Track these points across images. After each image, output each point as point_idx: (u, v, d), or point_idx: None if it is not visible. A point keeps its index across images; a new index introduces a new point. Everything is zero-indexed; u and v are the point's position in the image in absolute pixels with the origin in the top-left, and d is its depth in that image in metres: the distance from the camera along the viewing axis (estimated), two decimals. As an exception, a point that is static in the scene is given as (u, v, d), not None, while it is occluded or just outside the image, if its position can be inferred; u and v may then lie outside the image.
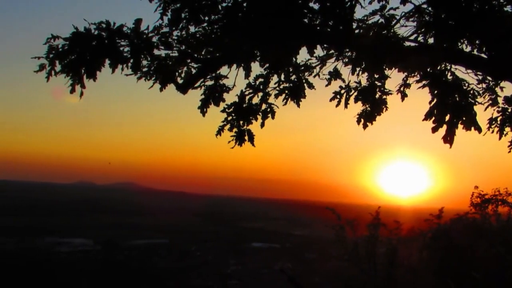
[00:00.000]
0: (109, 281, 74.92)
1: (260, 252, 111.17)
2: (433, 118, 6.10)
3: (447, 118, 6.19)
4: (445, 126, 6.20)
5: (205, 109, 7.33)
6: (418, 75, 7.32)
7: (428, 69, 6.96)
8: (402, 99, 7.87)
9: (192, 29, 6.78)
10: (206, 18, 6.51)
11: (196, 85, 7.21)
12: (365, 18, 6.98)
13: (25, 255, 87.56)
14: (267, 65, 7.01)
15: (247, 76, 7.08)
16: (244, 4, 6.16)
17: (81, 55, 6.48)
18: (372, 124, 7.89)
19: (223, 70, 7.24)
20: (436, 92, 6.15)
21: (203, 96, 7.30)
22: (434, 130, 6.14)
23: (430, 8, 6.49)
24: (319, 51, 7.40)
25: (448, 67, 6.76)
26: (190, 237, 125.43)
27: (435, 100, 6.15)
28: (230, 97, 7.57)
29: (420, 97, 7.73)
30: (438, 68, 6.74)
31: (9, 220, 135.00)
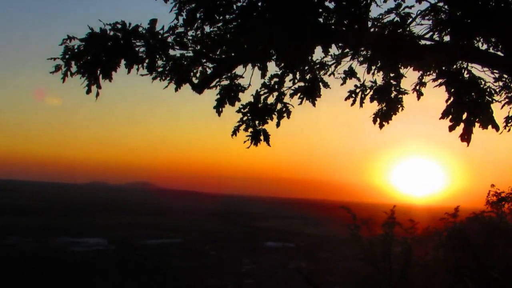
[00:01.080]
0: (124, 280, 75.15)
1: (274, 251, 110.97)
2: (450, 116, 6.06)
3: (464, 116, 6.15)
4: (462, 125, 6.17)
5: (220, 109, 7.34)
6: (434, 74, 7.29)
7: (444, 68, 6.93)
8: (418, 97, 7.85)
9: (207, 29, 6.80)
10: (221, 18, 6.51)
11: (211, 85, 7.22)
12: (380, 16, 6.96)
13: (39, 255, 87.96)
14: (283, 64, 7.00)
15: (263, 76, 7.08)
16: (259, 4, 6.16)
17: (97, 56, 6.50)
18: (388, 123, 7.87)
19: (238, 70, 7.25)
20: (452, 90, 6.11)
21: (218, 96, 7.31)
22: (451, 128, 6.10)
23: (446, 6, 6.46)
24: (334, 50, 7.41)
25: (465, 66, 6.72)
26: (204, 237, 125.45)
27: (451, 99, 6.11)
28: (245, 97, 7.57)
29: (435, 95, 7.70)
30: (455, 66, 6.70)
31: (23, 220, 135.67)
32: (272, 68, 7.24)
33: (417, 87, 7.82)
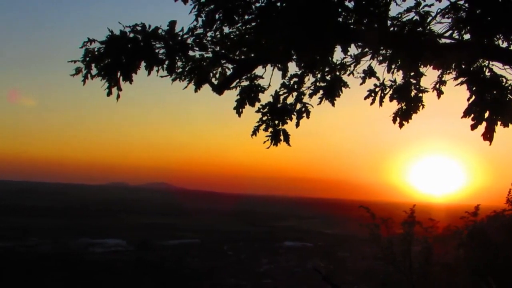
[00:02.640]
0: (142, 280, 75.50)
1: (292, 250, 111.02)
2: (472, 115, 6.04)
3: (486, 115, 6.12)
4: (484, 123, 6.13)
5: (240, 110, 7.36)
6: (454, 72, 7.26)
7: (464, 66, 6.90)
8: (438, 96, 7.81)
9: (226, 30, 6.82)
10: (240, 18, 6.53)
11: (231, 85, 7.25)
12: (399, 15, 6.93)
13: (59, 256, 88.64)
14: (303, 64, 7.01)
15: (284, 76, 7.09)
16: (278, 4, 6.17)
17: (117, 58, 6.53)
18: (408, 122, 7.84)
19: (258, 70, 7.27)
20: (474, 89, 6.09)
21: (238, 97, 7.33)
22: (474, 127, 6.08)
23: (466, 5, 6.43)
24: (353, 50, 7.40)
25: (486, 64, 6.68)
26: (222, 237, 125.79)
27: (473, 98, 6.09)
28: (264, 97, 7.59)
29: (455, 93, 7.66)
30: (476, 64, 6.67)
31: (43, 221, 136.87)
32: (292, 68, 7.26)
33: (437, 86, 7.77)
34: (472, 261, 13.92)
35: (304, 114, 7.74)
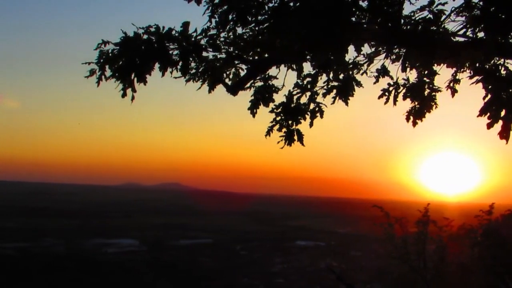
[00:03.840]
0: (156, 281, 75.68)
1: (305, 250, 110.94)
2: (488, 114, 6.01)
3: (502, 113, 6.08)
4: (500, 122, 6.09)
5: (255, 110, 7.37)
6: (468, 71, 7.23)
7: (478, 64, 6.87)
8: (452, 95, 7.79)
9: (239, 30, 6.83)
10: (253, 19, 6.53)
11: (246, 86, 7.26)
12: (412, 14, 6.92)
13: (73, 256, 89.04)
14: (317, 64, 7.00)
15: (299, 76, 7.09)
16: (291, 4, 6.17)
17: (131, 60, 6.56)
18: (421, 121, 7.83)
19: (272, 71, 7.27)
20: (490, 87, 6.05)
21: (252, 98, 7.34)
22: (490, 126, 6.04)
23: (480, 3, 6.40)
24: (366, 49, 7.39)
25: (501, 62, 6.65)
26: (235, 237, 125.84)
27: (489, 96, 6.05)
28: (278, 97, 7.59)
29: (470, 91, 7.62)
30: (491, 63, 6.64)
31: (57, 222, 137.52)
32: (305, 67, 7.26)
33: (451, 84, 7.75)
34: (487, 260, 13.87)
35: (318, 114, 7.73)
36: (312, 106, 7.74)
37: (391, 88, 7.89)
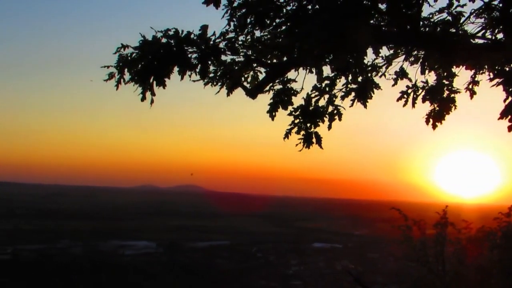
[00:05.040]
0: (172, 282, 75.91)
1: (321, 252, 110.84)
2: (509, 116, 5.97)
3: (523, 115, 6.04)
4: (521, 124, 6.04)
5: (274, 113, 7.36)
6: (488, 72, 7.20)
7: (498, 67, 6.83)
8: (471, 96, 7.76)
9: (257, 33, 6.83)
10: (272, 22, 6.54)
11: (265, 89, 7.26)
12: (431, 16, 6.90)
13: (90, 258, 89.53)
14: (336, 67, 6.99)
15: (319, 80, 7.07)
16: (309, 7, 6.17)
17: (150, 63, 6.58)
18: (441, 123, 7.79)
19: (290, 74, 7.26)
20: (511, 90, 6.02)
21: (272, 101, 7.33)
22: (511, 129, 6.01)
23: (500, 4, 6.38)
24: (384, 51, 7.37)
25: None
26: (251, 238, 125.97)
27: (510, 99, 6.01)
28: (296, 100, 7.58)
29: (489, 93, 7.58)
30: (511, 64, 6.60)
31: (74, 224, 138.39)
32: (324, 70, 7.23)
33: (470, 86, 7.72)
34: (506, 262, 13.75)
35: (336, 117, 7.71)
36: (330, 108, 7.72)
37: (409, 91, 7.86)
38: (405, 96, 7.86)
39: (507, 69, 6.59)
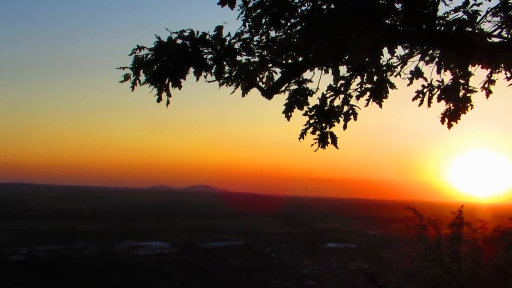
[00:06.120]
0: (186, 283, 76.06)
1: (335, 252, 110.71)
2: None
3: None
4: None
5: (290, 114, 7.36)
6: (504, 71, 7.15)
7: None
8: (487, 96, 7.70)
9: (272, 34, 6.83)
10: (287, 22, 6.53)
11: (281, 89, 7.26)
12: (446, 15, 6.86)
13: (104, 258, 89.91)
14: (352, 67, 6.98)
15: (336, 80, 7.06)
16: (324, 7, 6.16)
17: (166, 64, 6.59)
18: (457, 123, 7.74)
19: (306, 74, 7.25)
20: (528, 89, 5.99)
21: (287, 101, 7.33)
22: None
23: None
24: (399, 51, 7.34)
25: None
26: (265, 239, 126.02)
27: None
28: (312, 100, 7.56)
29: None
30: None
31: (88, 225, 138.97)
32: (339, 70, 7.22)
33: (486, 85, 7.67)
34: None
35: (352, 116, 7.69)
36: (345, 108, 7.70)
37: (425, 90, 7.82)
38: (421, 95, 7.80)
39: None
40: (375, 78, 7.55)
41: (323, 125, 7.61)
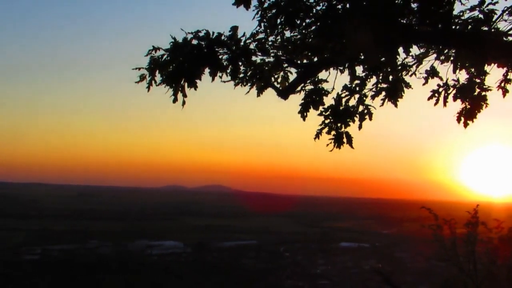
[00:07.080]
0: (200, 282, 76.16)
1: (349, 251, 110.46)
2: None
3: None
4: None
5: (305, 113, 7.37)
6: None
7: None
8: (504, 95, 7.66)
9: (287, 34, 6.84)
10: (301, 22, 6.54)
11: (296, 89, 7.27)
12: (461, 14, 6.84)
13: (118, 258, 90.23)
14: (367, 67, 6.97)
15: (352, 80, 7.06)
16: (339, 7, 6.17)
17: (181, 65, 6.61)
18: (473, 122, 7.70)
19: (321, 74, 7.26)
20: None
21: (303, 101, 7.34)
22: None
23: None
24: (414, 50, 7.32)
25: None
26: (278, 238, 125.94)
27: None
28: (327, 100, 7.56)
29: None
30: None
31: (102, 224, 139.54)
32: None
33: (502, 84, 7.63)
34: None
35: (367, 116, 7.69)
36: (361, 108, 7.70)
37: (441, 89, 7.79)
38: (436, 94, 7.79)
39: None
40: (390, 77, 7.55)
41: (339, 125, 7.62)
